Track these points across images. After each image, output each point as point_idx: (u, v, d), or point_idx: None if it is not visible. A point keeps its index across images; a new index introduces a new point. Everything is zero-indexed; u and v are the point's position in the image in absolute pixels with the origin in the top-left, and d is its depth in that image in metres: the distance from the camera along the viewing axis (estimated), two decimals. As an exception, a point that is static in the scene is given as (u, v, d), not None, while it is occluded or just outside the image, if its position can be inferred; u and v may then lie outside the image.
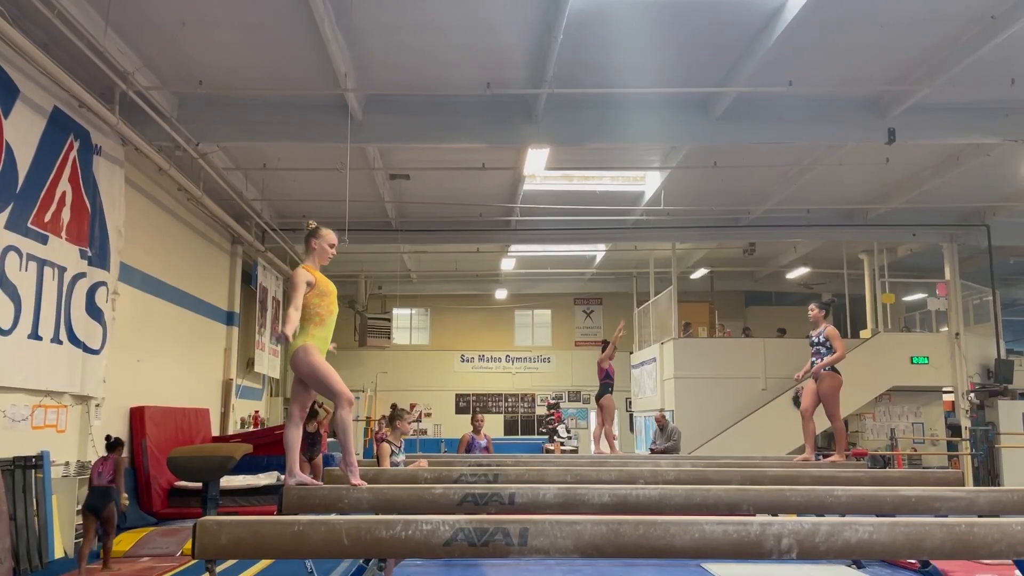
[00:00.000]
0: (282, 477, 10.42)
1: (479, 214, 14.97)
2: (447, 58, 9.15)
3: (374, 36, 8.65)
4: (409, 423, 7.15)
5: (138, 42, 8.80)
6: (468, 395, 23.90)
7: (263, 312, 16.26)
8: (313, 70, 9.32)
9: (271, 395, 18.63)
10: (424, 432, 23.04)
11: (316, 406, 11.60)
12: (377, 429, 13.68)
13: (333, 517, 3.34)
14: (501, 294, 23.01)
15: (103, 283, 9.27)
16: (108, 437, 7.84)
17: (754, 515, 4.26)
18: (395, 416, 7.11)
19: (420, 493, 4.34)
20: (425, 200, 14.25)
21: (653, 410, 15.93)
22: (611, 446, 10.42)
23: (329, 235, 5.02)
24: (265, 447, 11.41)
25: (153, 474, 10.57)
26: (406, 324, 24.56)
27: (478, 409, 23.22)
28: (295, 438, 4.72)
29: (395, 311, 23.50)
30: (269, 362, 17.15)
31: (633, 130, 10.51)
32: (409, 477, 5.42)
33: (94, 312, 9.06)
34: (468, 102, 10.18)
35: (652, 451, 13.33)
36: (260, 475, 11.36)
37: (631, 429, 20.94)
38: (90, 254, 8.97)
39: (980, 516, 4.37)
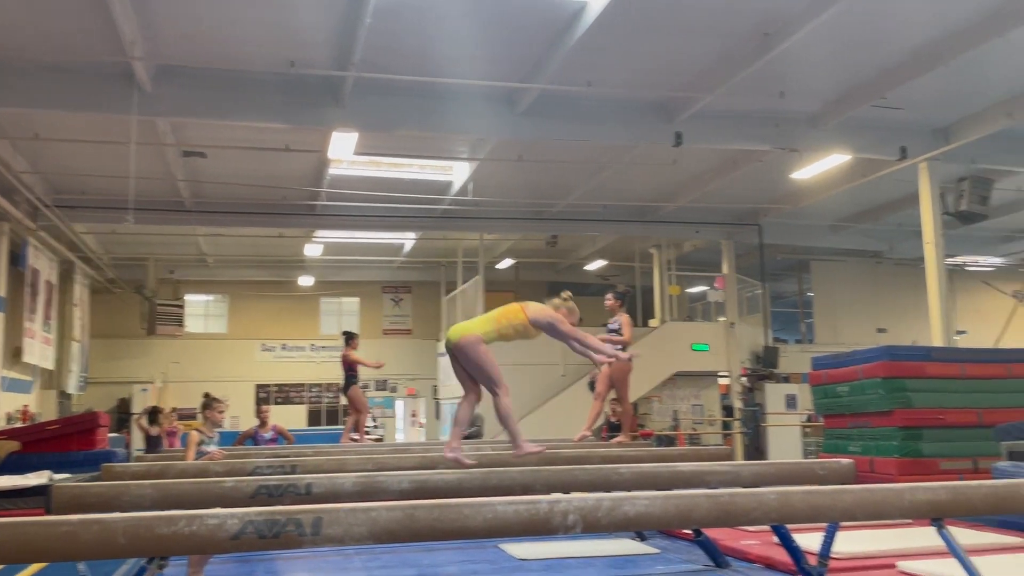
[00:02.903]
0: (55, 476, 9.55)
1: (282, 197, 14.46)
2: (246, 32, 8.74)
3: (164, 2, 8.08)
4: (221, 412, 6.80)
5: None
6: (269, 385, 23.02)
7: (34, 297, 14.76)
8: (95, 34, 8.54)
9: (43, 388, 16.95)
10: (220, 425, 21.88)
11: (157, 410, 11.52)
12: (167, 423, 12.81)
13: (109, 515, 3.11)
14: (306, 281, 22.34)
15: None
16: None
17: (548, 494, 4.46)
18: (206, 405, 6.75)
19: (208, 487, 4.15)
20: (223, 180, 13.52)
21: (459, 397, 16.14)
22: (361, 436, 10.42)
23: (575, 311, 5.69)
24: (36, 444, 10.38)
25: None
26: (201, 312, 23.22)
27: (279, 400, 22.48)
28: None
29: (188, 297, 22.15)
30: (41, 351, 15.60)
31: (441, 120, 10.58)
32: (199, 471, 5.15)
33: None
34: (270, 80, 9.77)
35: (456, 437, 13.52)
36: (29, 475, 10.29)
37: (437, 416, 21.14)
38: None
39: (745, 488, 4.84)
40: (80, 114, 10.18)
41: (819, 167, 12.50)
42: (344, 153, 11.51)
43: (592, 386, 8.73)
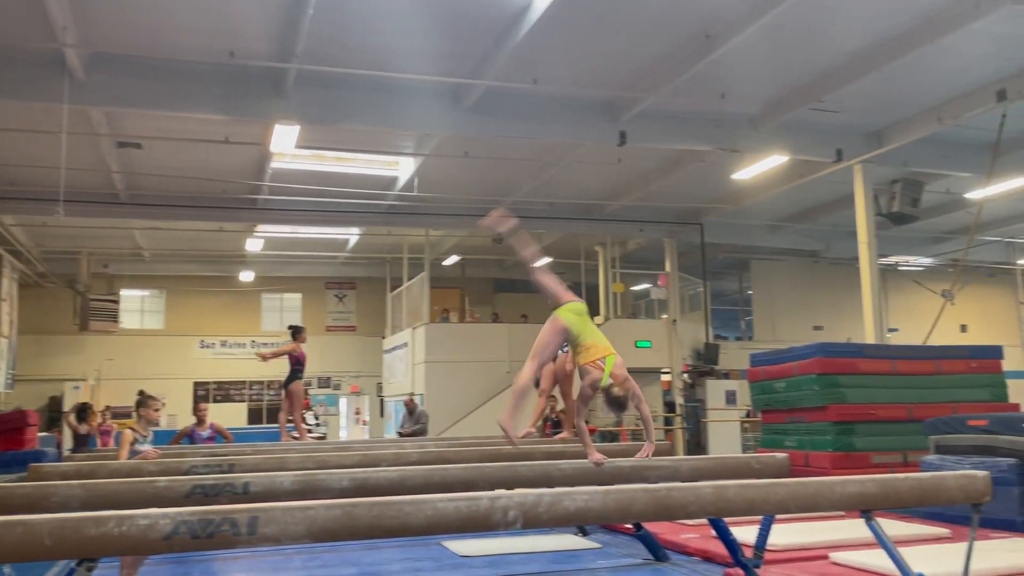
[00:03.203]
0: (-22, 478, 9.19)
1: (222, 190, 14.14)
2: (184, 20, 8.50)
3: (100, -12, 7.84)
4: (156, 410, 6.62)
5: None
6: (208, 383, 22.53)
7: (-41, 291, 14.18)
8: (24, 19, 8.22)
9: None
10: (156, 424, 21.35)
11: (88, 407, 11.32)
12: (101, 421, 12.45)
13: (34, 516, 3.01)
14: (247, 276, 21.92)
15: None
16: None
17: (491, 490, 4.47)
18: (141, 403, 6.56)
19: (142, 487, 4.05)
20: (160, 172, 13.15)
21: (404, 394, 16.06)
22: (301, 433, 10.32)
23: (625, 396, 5.16)
24: (-42, 445, 10.00)
25: None
26: (136, 307, 22.59)
27: (218, 398, 22.04)
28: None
29: (123, 292, 21.53)
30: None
31: (386, 114, 10.47)
32: (131, 470, 5.02)
33: None
34: (209, 70, 9.53)
35: (400, 434, 13.45)
36: (-49, 477, 9.91)
37: (381, 414, 20.96)
38: None
39: (684, 482, 4.92)
40: (8, 102, 9.80)
41: (759, 168, 12.76)
42: (286, 146, 11.32)
43: (537, 383, 8.75)
